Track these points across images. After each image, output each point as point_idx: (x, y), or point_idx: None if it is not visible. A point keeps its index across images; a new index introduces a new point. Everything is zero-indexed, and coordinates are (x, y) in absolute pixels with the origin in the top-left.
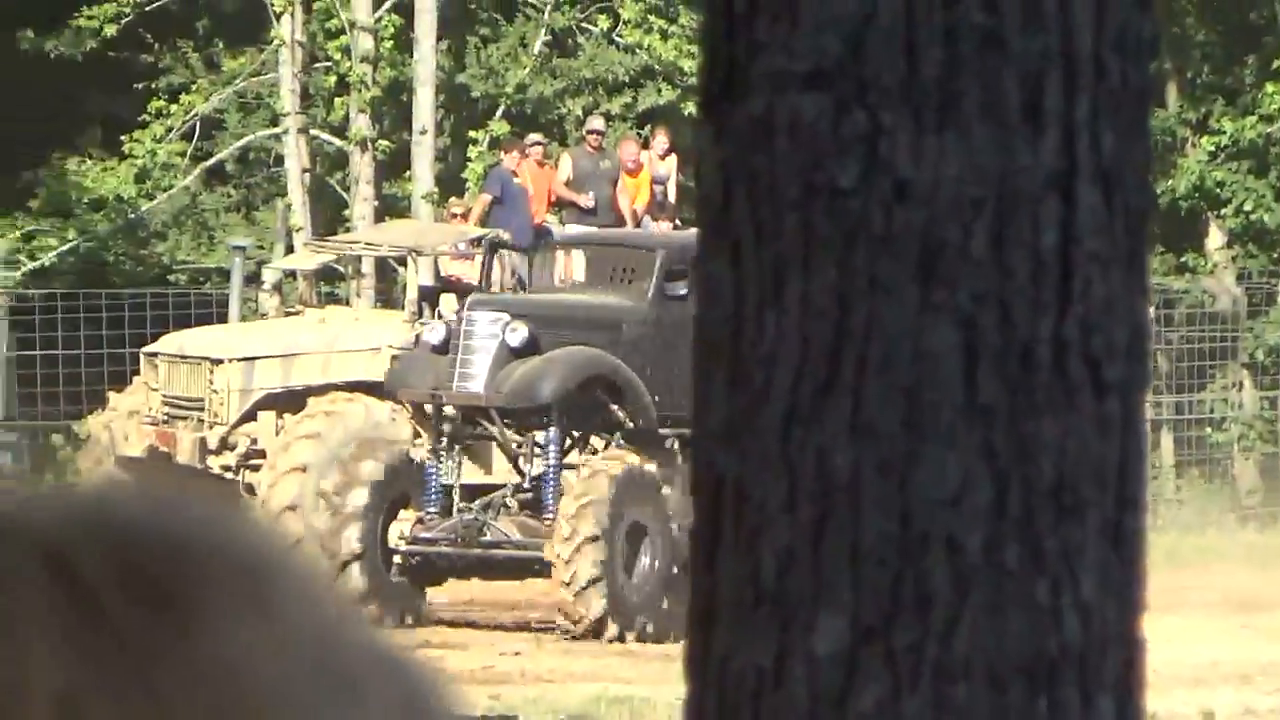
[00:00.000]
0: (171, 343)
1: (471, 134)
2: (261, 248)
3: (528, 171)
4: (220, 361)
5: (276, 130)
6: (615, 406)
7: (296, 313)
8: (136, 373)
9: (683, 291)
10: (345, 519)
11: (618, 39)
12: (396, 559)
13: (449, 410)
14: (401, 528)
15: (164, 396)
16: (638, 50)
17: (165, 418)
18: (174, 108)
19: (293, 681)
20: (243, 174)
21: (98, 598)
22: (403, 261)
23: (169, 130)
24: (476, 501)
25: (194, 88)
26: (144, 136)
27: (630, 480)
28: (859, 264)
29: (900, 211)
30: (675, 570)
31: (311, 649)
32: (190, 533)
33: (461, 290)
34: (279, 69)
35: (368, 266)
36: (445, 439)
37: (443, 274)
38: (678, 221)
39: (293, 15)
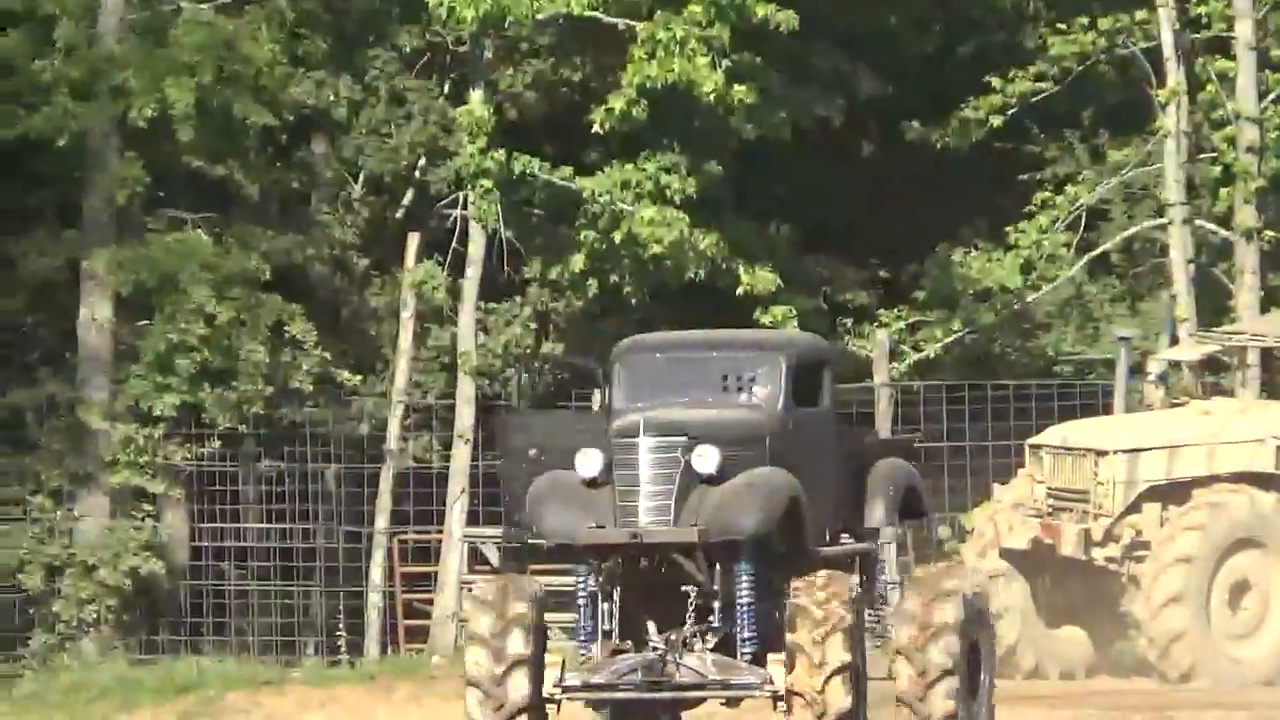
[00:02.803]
0: (1056, 434)
1: None
2: (1146, 338)
3: None
4: (1105, 453)
5: (1161, 221)
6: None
7: (1181, 403)
8: (1021, 464)
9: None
10: None
11: None
12: (551, 709)
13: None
14: (552, 674)
15: (1048, 488)
16: None
17: (1049, 510)
18: (1059, 199)
19: None
20: (1128, 264)
21: None
22: None
23: (1054, 221)
24: (659, 639)
25: (1079, 178)
26: (1029, 228)
27: (855, 600)
28: None
29: None
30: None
31: None
32: None
33: None
34: (1164, 159)
35: (1253, 357)
36: (604, 579)
37: None
38: None
39: (1178, 106)
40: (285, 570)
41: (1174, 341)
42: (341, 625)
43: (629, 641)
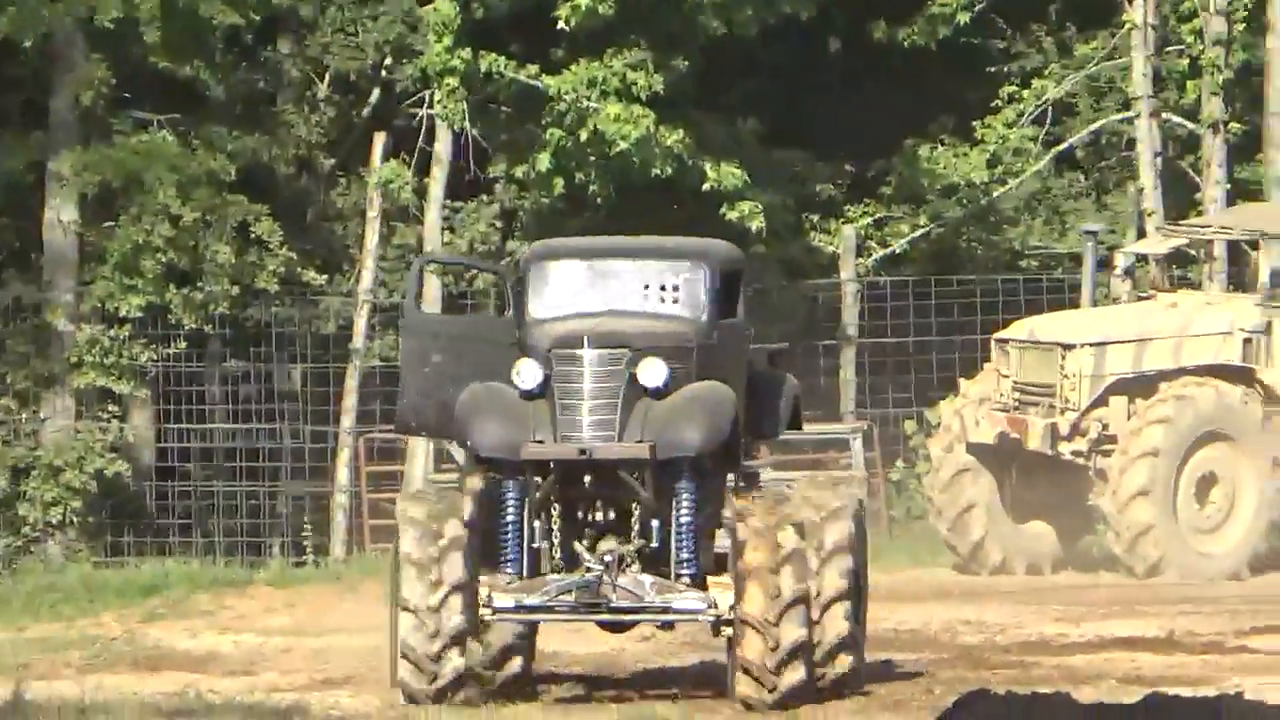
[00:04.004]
0: (1022, 328)
1: None
2: (1113, 232)
3: None
4: (1072, 347)
5: (1128, 114)
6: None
7: (1148, 297)
8: (987, 359)
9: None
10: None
11: None
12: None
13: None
14: (481, 595)
15: (1015, 382)
16: None
17: (1016, 404)
18: (1025, 93)
19: None
20: (1094, 159)
21: None
22: (1255, 245)
23: (1021, 115)
24: (593, 559)
25: (1046, 72)
26: (996, 122)
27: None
28: None
29: None
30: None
31: None
32: None
33: None
34: (1130, 53)
35: (1220, 250)
36: (538, 495)
37: None
38: None
39: None
40: (251, 471)
41: (1141, 235)
42: (307, 525)
43: (560, 561)
